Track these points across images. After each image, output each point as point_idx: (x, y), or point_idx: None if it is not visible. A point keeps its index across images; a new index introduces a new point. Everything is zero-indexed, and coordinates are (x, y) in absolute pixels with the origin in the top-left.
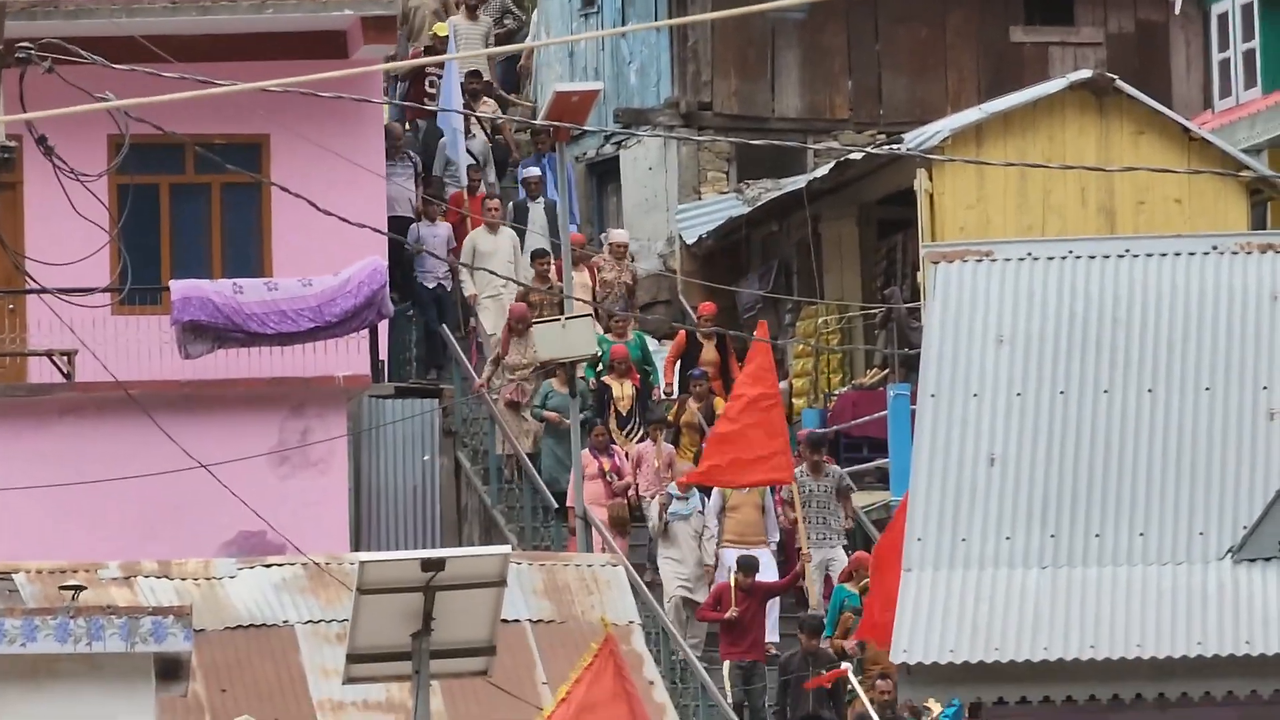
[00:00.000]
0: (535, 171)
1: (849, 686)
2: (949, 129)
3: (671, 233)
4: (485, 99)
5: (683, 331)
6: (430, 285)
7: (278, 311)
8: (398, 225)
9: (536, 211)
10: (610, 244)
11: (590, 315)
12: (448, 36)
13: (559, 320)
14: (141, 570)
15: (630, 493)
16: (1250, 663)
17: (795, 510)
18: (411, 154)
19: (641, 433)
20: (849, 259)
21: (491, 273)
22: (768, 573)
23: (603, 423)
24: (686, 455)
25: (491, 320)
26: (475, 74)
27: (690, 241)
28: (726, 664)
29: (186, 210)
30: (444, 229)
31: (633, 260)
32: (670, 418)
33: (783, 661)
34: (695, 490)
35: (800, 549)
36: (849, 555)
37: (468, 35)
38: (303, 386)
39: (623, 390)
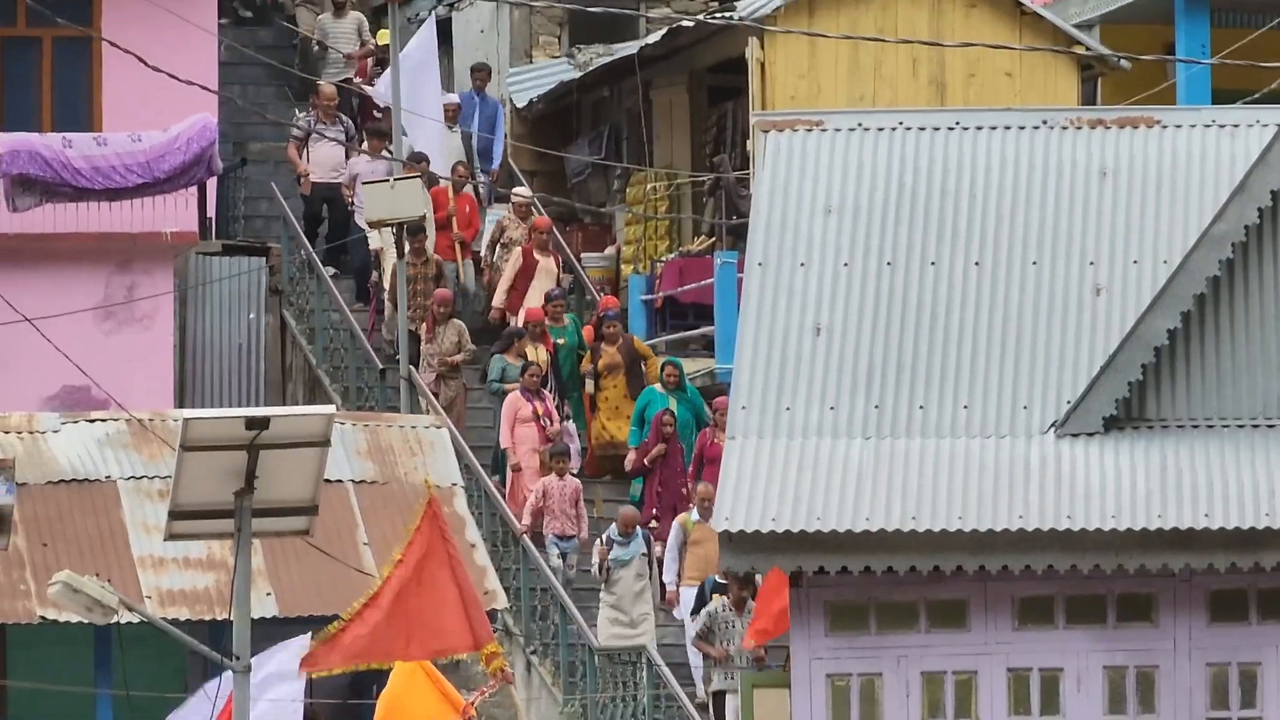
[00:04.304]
0: (454, 99)
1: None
2: None
3: (502, 96)
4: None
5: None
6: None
7: (106, 166)
8: (325, 192)
9: (452, 138)
10: (514, 204)
11: (419, 177)
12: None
13: (388, 181)
14: None
15: (530, 522)
16: (1070, 537)
17: None
18: (343, 116)
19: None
20: (679, 126)
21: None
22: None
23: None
24: (613, 397)
25: (390, 261)
26: None
27: (521, 105)
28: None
29: (17, 63)
30: (382, 167)
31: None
32: (586, 366)
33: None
34: (638, 531)
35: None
36: None
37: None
38: (130, 242)
39: (537, 355)
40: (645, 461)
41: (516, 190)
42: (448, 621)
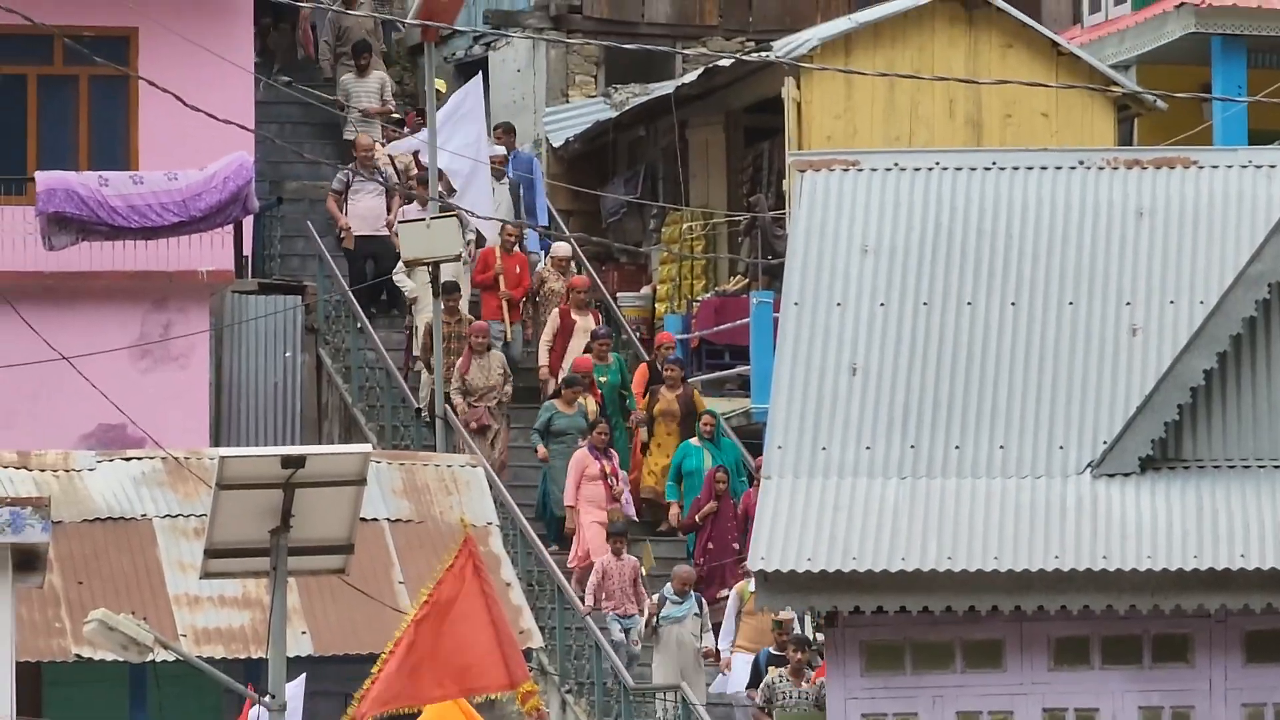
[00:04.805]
0: (500, 150)
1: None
2: (818, 38)
3: (538, 135)
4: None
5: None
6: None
7: (143, 205)
8: (369, 247)
9: (501, 192)
10: (553, 258)
11: (455, 217)
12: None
13: (424, 220)
14: (0, 461)
15: (593, 602)
16: (1107, 577)
17: None
18: (381, 170)
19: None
20: (715, 165)
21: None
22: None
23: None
24: (664, 444)
25: (425, 314)
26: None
27: (557, 144)
28: None
29: (54, 102)
30: (413, 209)
31: (579, 270)
32: (641, 413)
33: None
34: (692, 592)
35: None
36: None
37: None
38: (166, 280)
39: (586, 404)
40: (697, 518)
41: (557, 245)
42: (483, 660)
